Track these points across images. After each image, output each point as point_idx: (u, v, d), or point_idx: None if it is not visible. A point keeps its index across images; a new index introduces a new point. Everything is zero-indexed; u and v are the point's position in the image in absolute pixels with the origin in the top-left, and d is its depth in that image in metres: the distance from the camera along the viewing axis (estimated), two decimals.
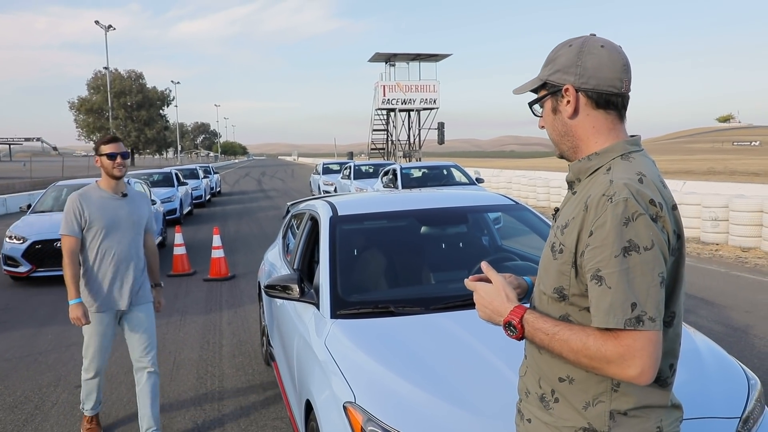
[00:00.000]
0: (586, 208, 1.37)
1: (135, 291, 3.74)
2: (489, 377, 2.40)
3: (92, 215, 3.59)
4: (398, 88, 37.94)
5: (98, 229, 3.60)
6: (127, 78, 73.14)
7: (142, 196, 3.91)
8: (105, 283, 3.65)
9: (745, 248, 10.27)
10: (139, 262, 3.77)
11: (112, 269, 3.65)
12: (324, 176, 23.09)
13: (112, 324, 3.76)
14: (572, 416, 1.45)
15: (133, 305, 3.75)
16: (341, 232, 3.58)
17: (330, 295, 3.11)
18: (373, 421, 2.24)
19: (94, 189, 3.69)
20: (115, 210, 3.65)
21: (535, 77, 1.55)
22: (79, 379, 4.96)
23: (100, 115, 69.51)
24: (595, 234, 1.32)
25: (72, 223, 3.59)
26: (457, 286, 3.46)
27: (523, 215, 3.96)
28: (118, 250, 3.65)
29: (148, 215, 3.87)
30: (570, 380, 1.45)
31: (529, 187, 19.19)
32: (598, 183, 1.39)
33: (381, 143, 41.28)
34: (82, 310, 3.54)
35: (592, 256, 1.32)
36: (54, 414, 4.38)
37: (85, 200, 3.61)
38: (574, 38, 1.50)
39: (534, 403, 1.55)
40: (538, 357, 1.53)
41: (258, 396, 4.56)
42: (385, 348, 2.67)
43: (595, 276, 1.32)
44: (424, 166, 15.35)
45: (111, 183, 3.68)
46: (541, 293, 1.53)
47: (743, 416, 2.30)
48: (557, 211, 1.57)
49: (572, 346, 1.35)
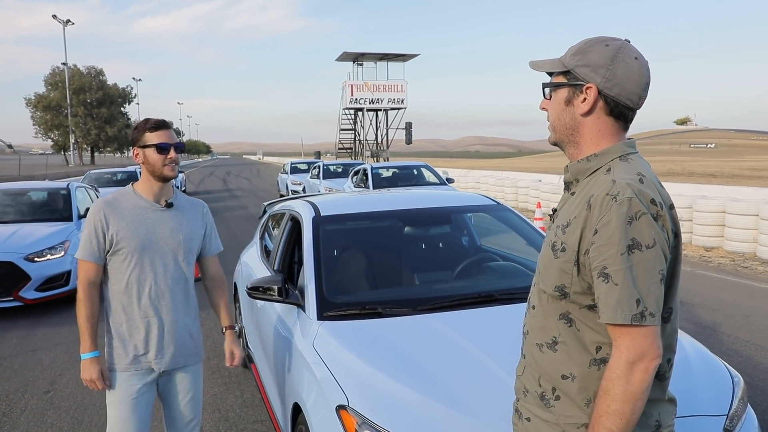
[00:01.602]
0: (589, 207, 1.39)
1: (181, 343, 2.66)
2: (481, 378, 2.40)
3: (120, 232, 2.53)
4: (366, 88, 37.91)
5: (128, 251, 2.54)
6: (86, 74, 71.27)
7: (194, 205, 2.79)
8: (137, 329, 2.58)
9: (708, 248, 10.56)
10: (187, 300, 2.71)
11: (147, 309, 2.58)
12: (292, 176, 22.88)
13: (148, 389, 2.64)
14: (575, 413, 1.47)
15: (177, 364, 2.67)
16: (325, 233, 3.55)
17: (316, 297, 3.07)
18: (367, 424, 2.22)
19: (127, 195, 2.62)
20: (154, 225, 2.59)
21: (557, 59, 1.52)
22: (49, 384, 4.84)
23: (59, 112, 67.57)
24: (600, 232, 1.35)
25: (91, 244, 2.53)
26: (443, 287, 3.47)
27: (504, 215, 3.99)
28: (156, 281, 2.58)
29: (205, 232, 2.80)
30: (572, 377, 1.47)
31: (497, 187, 19.37)
32: (600, 183, 1.42)
33: (348, 143, 41.21)
34: (99, 368, 2.52)
35: (598, 253, 1.35)
36: (23, 421, 4.22)
37: (113, 210, 2.55)
38: (611, 38, 1.49)
39: (533, 401, 1.56)
40: (539, 356, 1.54)
41: (236, 399, 4.48)
42: (375, 350, 2.65)
43: (602, 273, 1.35)
44: (395, 166, 15.36)
45: (155, 187, 2.61)
46: (540, 292, 1.54)
47: (729, 413, 2.36)
48: (555, 212, 1.59)
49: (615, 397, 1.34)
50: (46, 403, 4.50)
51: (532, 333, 1.58)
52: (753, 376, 4.68)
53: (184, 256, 2.66)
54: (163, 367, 2.63)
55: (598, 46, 1.47)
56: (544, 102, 1.58)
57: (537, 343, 1.54)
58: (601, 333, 1.44)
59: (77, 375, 5.01)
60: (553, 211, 1.60)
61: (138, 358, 2.59)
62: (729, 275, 8.56)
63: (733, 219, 10.14)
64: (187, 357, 2.70)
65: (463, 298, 3.11)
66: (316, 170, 20.01)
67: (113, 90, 74.12)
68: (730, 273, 8.70)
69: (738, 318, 6.30)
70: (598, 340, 1.45)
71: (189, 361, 2.71)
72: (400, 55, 39.10)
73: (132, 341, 2.58)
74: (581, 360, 1.47)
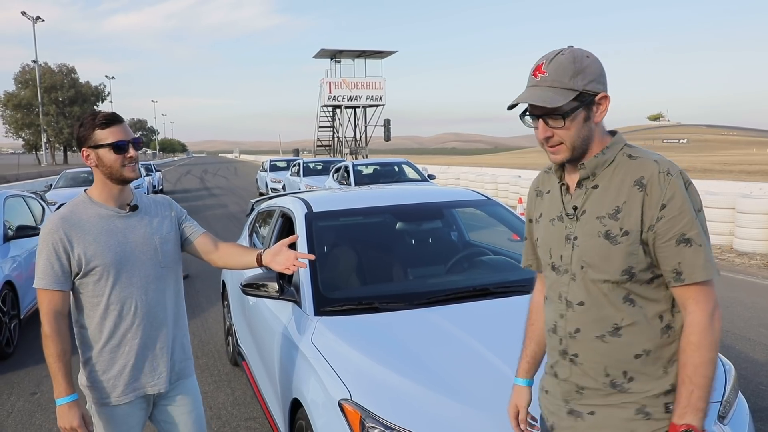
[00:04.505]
0: (642, 188, 1.49)
1: (173, 358, 2.36)
2: (481, 369, 2.43)
3: (89, 249, 2.16)
4: (344, 85, 37.80)
5: (103, 270, 2.18)
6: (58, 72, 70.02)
7: (158, 203, 2.44)
8: (126, 356, 2.24)
9: None
10: (177, 309, 2.41)
11: (134, 329, 2.24)
12: (272, 173, 22.74)
13: (141, 416, 2.35)
14: (654, 384, 1.56)
15: (171, 381, 2.37)
16: (318, 229, 3.55)
17: (312, 293, 3.08)
18: (371, 418, 2.23)
19: (84, 205, 2.24)
20: (124, 234, 2.24)
21: (565, 88, 1.52)
22: (35, 386, 4.76)
23: (30, 110, 66.29)
24: (669, 205, 1.47)
25: (53, 268, 2.14)
26: (438, 281, 3.50)
27: (494, 210, 4.03)
28: (140, 296, 2.25)
29: (180, 221, 2.46)
30: (647, 353, 1.55)
31: (477, 183, 19.51)
32: (637, 166, 1.53)
33: (327, 140, 41.05)
34: (79, 413, 2.13)
35: (673, 224, 1.47)
36: (11, 423, 4.15)
37: (74, 226, 2.17)
38: (582, 49, 1.57)
39: (596, 394, 1.60)
40: (602, 347, 1.57)
41: (227, 397, 4.46)
42: (374, 344, 2.67)
43: (682, 240, 1.47)
44: (376, 163, 15.36)
45: (114, 191, 2.25)
46: (593, 284, 1.57)
47: (722, 401, 2.41)
48: (576, 209, 1.62)
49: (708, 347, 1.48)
50: (33, 404, 4.44)
51: (587, 329, 1.59)
52: (736, 365, 4.76)
53: (164, 260, 2.32)
54: (159, 390, 2.32)
55: (587, 60, 1.54)
56: (558, 131, 1.56)
57: (596, 336, 1.58)
58: (660, 302, 1.56)
59: None
60: (574, 209, 1.61)
61: (130, 385, 2.26)
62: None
63: (709, 212, 10.34)
64: (181, 371, 2.42)
65: (459, 292, 3.14)
66: (296, 168, 19.93)
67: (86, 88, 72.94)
68: None
69: None
70: (660, 310, 1.56)
71: (183, 374, 2.42)
72: (378, 52, 39.05)
73: (120, 369, 2.24)
74: (653, 333, 1.56)
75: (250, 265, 2.46)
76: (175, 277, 2.41)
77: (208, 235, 2.53)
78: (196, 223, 2.54)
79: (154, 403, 2.39)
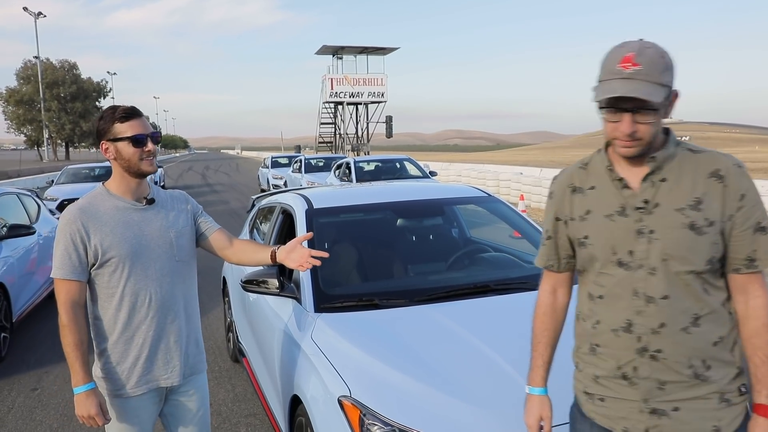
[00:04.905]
0: (721, 180, 1.56)
1: (187, 352, 2.40)
2: (482, 366, 2.42)
3: (105, 240, 2.20)
4: (346, 81, 37.76)
5: (118, 261, 2.22)
6: (59, 68, 69.90)
7: (175, 198, 2.48)
8: (140, 348, 2.29)
9: None
10: (191, 304, 2.45)
11: (148, 322, 2.28)
12: (273, 170, 22.72)
13: (154, 410, 2.39)
14: (728, 370, 1.61)
15: (184, 376, 2.40)
16: (318, 225, 3.54)
17: (312, 289, 3.07)
18: (371, 414, 2.23)
19: (102, 197, 2.28)
20: (140, 227, 2.28)
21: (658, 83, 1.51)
22: (35, 382, 4.76)
23: (31, 106, 66.27)
24: (747, 195, 1.56)
25: (71, 259, 2.18)
26: (438, 278, 3.49)
27: (496, 207, 4.01)
28: (155, 291, 2.28)
29: (196, 217, 2.50)
30: (721, 339, 1.60)
31: (479, 180, 19.48)
32: (708, 159, 1.59)
33: (329, 137, 41.04)
34: (97, 402, 2.18)
35: (751, 213, 1.56)
36: (11, 419, 4.16)
37: (91, 217, 2.21)
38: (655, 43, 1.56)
39: (680, 388, 1.60)
40: (686, 338, 1.58)
41: (227, 393, 4.46)
42: (374, 340, 2.66)
43: (758, 228, 1.56)
44: (378, 160, 15.33)
45: (131, 184, 2.29)
46: (677, 276, 1.57)
47: None
48: (647, 202, 1.61)
49: None
50: (33, 400, 4.44)
51: (672, 322, 1.58)
52: None
53: (179, 254, 2.36)
54: (173, 383, 2.35)
55: (668, 56, 1.55)
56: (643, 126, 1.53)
57: (681, 329, 1.58)
58: (724, 289, 1.64)
59: (64, 372, 4.95)
60: (645, 203, 1.60)
61: (143, 378, 2.30)
62: None
63: None
64: (194, 366, 2.45)
65: (459, 289, 3.13)
66: (298, 164, 19.90)
67: (88, 84, 72.88)
68: None
69: None
70: (725, 297, 1.64)
71: (196, 369, 2.46)
72: (380, 49, 38.99)
73: (134, 361, 2.28)
74: (725, 318, 1.62)
75: (263, 261, 2.49)
76: (190, 272, 2.44)
77: (223, 231, 2.56)
78: (212, 219, 2.56)
79: (165, 397, 2.42)
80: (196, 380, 2.47)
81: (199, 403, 2.49)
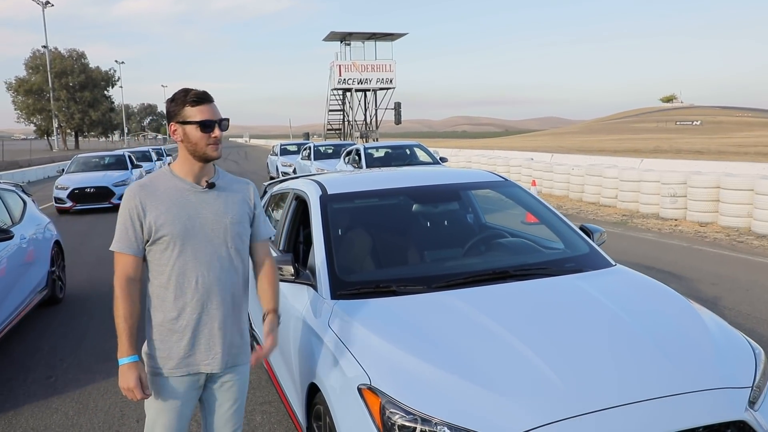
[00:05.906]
0: None
1: (231, 342, 2.36)
2: (504, 353, 2.37)
3: (160, 218, 2.22)
4: (354, 68, 37.58)
5: (170, 239, 2.24)
6: (68, 57, 70.08)
7: (240, 185, 2.45)
8: (182, 327, 2.28)
9: (703, 223, 10.61)
10: (239, 294, 2.41)
11: (193, 305, 2.27)
12: (282, 157, 22.69)
13: (193, 394, 2.38)
14: None
15: (226, 365, 2.37)
16: (333, 211, 3.49)
17: (329, 276, 3.02)
18: (392, 403, 2.18)
19: (164, 177, 2.31)
20: (196, 209, 2.28)
21: None
22: (50, 370, 4.76)
23: (41, 96, 66.54)
24: None
25: (127, 233, 2.23)
26: (456, 264, 3.43)
27: (512, 192, 3.94)
28: (202, 273, 2.27)
29: (253, 215, 2.45)
30: None
31: (489, 166, 19.34)
32: None
33: (337, 124, 40.94)
34: (137, 375, 2.19)
35: None
36: (27, 408, 4.15)
37: (150, 195, 2.25)
38: None
39: None
40: None
41: None
42: (392, 327, 2.61)
43: None
44: (388, 146, 15.25)
45: (195, 168, 2.30)
46: None
47: (753, 385, 2.35)
48: None
49: None
50: (48, 389, 4.44)
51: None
52: None
53: (232, 242, 2.32)
54: (213, 369, 2.33)
55: None
56: None
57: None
58: None
59: (78, 360, 4.94)
60: None
61: (184, 360, 2.29)
62: (725, 250, 8.60)
63: (727, 194, 10.18)
64: (236, 356, 2.40)
65: (478, 275, 3.06)
66: (307, 151, 19.86)
67: (96, 73, 73.03)
68: (726, 248, 8.75)
69: (738, 292, 6.33)
70: None
71: (238, 360, 2.41)
72: (388, 35, 38.74)
73: (177, 342, 2.28)
74: None
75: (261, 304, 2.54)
76: (242, 262, 2.40)
77: (268, 245, 2.56)
78: (268, 226, 2.55)
79: (206, 381, 2.40)
80: (237, 371, 2.44)
81: (237, 395, 2.46)
